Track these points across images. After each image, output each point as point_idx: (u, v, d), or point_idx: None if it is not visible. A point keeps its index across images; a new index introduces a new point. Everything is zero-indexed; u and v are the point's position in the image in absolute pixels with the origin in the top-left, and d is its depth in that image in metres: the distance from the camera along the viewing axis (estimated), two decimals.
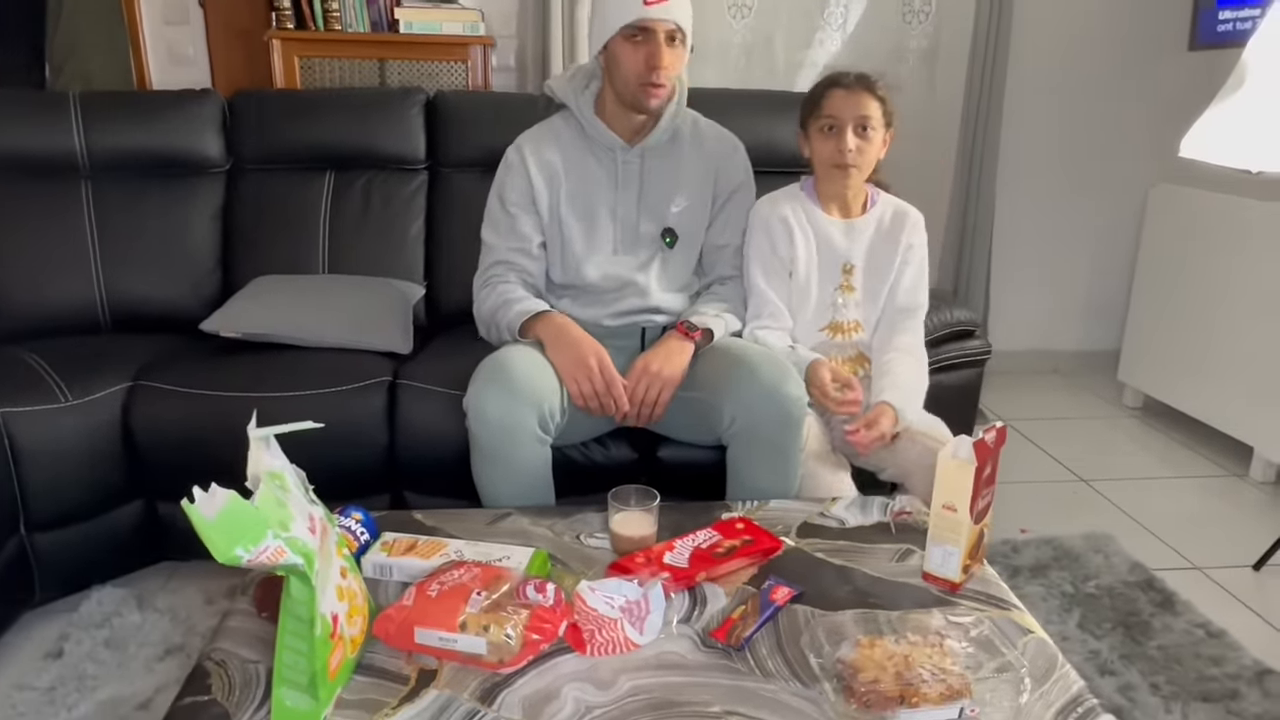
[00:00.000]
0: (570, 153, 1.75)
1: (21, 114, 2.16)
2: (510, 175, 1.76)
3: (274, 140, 2.31)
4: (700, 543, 1.26)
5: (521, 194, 1.75)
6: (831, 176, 1.71)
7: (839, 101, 1.66)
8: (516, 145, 1.78)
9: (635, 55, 1.61)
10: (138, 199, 2.20)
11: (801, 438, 1.56)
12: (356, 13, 2.68)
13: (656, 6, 1.56)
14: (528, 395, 1.49)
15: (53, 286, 2.11)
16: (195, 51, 2.92)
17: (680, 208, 1.78)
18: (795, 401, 1.53)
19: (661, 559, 1.22)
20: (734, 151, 1.84)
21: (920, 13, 3.10)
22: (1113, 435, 2.93)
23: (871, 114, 1.65)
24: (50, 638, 1.72)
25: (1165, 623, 1.82)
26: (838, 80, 1.68)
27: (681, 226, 1.79)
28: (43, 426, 1.70)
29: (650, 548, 1.26)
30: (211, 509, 0.85)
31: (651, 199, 1.77)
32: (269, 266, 2.20)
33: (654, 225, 1.77)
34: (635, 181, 1.76)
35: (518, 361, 1.53)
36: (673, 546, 1.25)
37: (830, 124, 1.67)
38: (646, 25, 1.58)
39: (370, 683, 1.01)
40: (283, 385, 1.80)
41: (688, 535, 1.28)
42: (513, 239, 1.75)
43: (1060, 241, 3.41)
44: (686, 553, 1.24)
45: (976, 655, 1.05)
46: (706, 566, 1.21)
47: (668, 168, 1.77)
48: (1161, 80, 3.22)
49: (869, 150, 1.68)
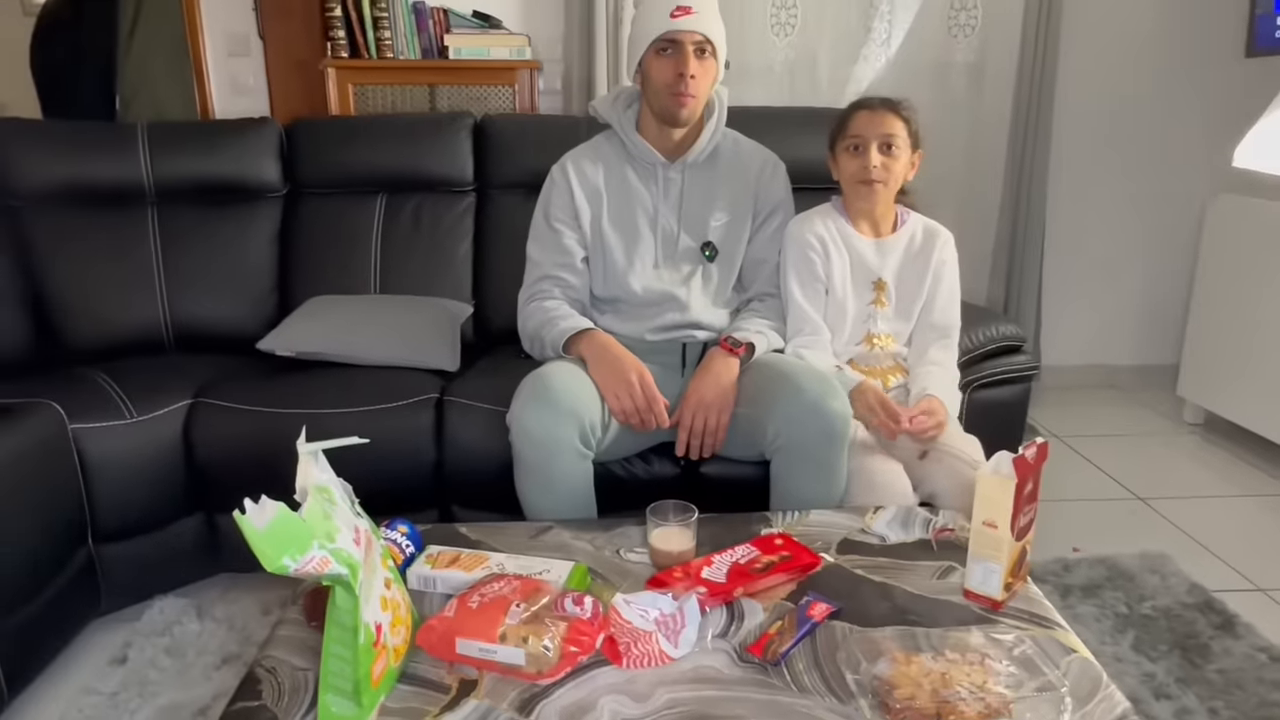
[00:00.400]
0: (613, 169, 1.80)
1: (94, 145, 2.27)
2: (554, 192, 1.81)
3: (329, 165, 2.39)
4: (739, 558, 1.27)
5: (565, 210, 1.79)
6: (858, 193, 1.75)
7: (863, 121, 1.71)
8: (561, 163, 1.84)
9: (665, 66, 1.67)
10: (200, 224, 2.29)
11: (846, 452, 1.57)
12: (408, 40, 2.76)
13: (683, 19, 1.63)
14: (569, 410, 1.52)
15: (120, 309, 2.20)
16: (255, 81, 3.03)
17: (720, 222, 1.81)
18: (840, 417, 1.53)
19: (699, 574, 1.23)
20: (775, 169, 1.86)
21: (966, 26, 3.08)
22: (1171, 452, 2.84)
23: (896, 133, 1.69)
24: (115, 645, 1.79)
25: (1225, 646, 1.76)
26: (863, 103, 1.75)
27: (721, 241, 1.81)
28: (110, 442, 1.78)
29: (689, 562, 1.27)
30: (261, 520, 0.88)
31: (692, 213, 1.80)
32: (323, 287, 2.27)
33: (694, 239, 1.80)
34: (676, 196, 1.79)
35: (559, 377, 1.56)
36: (711, 562, 1.26)
37: (855, 143, 1.71)
38: (674, 37, 1.64)
39: (413, 691, 1.04)
40: (335, 402, 1.85)
41: (726, 551, 1.29)
42: (557, 254, 1.79)
43: (1114, 254, 3.34)
44: (724, 568, 1.24)
45: (1017, 674, 1.04)
46: (744, 582, 1.22)
47: (708, 183, 1.81)
48: (1217, 88, 3.14)
49: (894, 167, 1.71)
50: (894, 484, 1.60)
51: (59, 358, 2.14)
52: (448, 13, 2.78)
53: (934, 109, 2.96)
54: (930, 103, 3.00)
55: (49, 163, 2.21)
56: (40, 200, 2.21)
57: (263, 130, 2.38)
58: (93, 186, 2.25)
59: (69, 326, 2.17)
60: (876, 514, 1.46)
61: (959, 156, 3.17)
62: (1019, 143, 3.09)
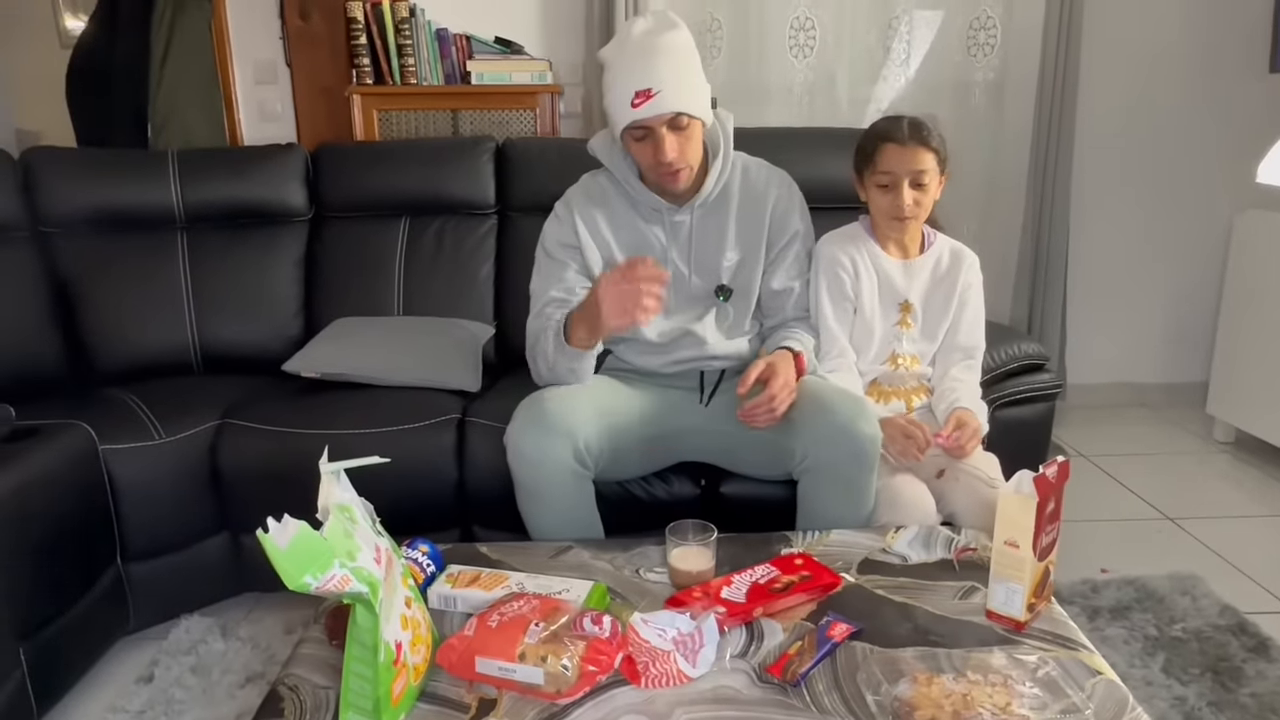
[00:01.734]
0: (617, 214, 1.73)
1: (125, 172, 2.33)
2: (559, 228, 1.74)
3: (354, 189, 2.43)
4: (758, 578, 1.27)
5: (568, 247, 1.73)
6: (890, 227, 1.75)
7: (893, 158, 1.68)
8: (565, 202, 1.76)
9: (644, 151, 1.59)
10: (228, 248, 2.34)
11: (875, 475, 1.55)
12: (431, 67, 2.80)
13: (644, 105, 1.52)
14: (560, 429, 1.52)
15: (150, 331, 2.25)
16: (283, 108, 3.10)
17: (732, 261, 1.74)
18: (871, 439, 1.51)
19: (719, 594, 1.22)
20: (789, 194, 1.78)
21: (985, 45, 3.07)
22: (1201, 471, 2.80)
23: (927, 167, 1.68)
24: (142, 663, 1.81)
25: (1259, 669, 1.72)
26: (890, 135, 1.68)
27: (734, 280, 1.75)
28: (138, 462, 1.80)
29: (708, 582, 1.26)
30: (283, 538, 0.90)
31: (703, 256, 1.73)
32: (348, 309, 2.30)
33: (707, 282, 1.74)
34: (685, 239, 1.72)
35: (552, 398, 1.56)
36: (730, 581, 1.26)
37: (887, 180, 1.69)
38: (642, 125, 1.55)
39: (433, 710, 1.05)
40: (358, 423, 1.87)
41: (746, 570, 1.28)
42: (559, 283, 1.72)
43: (1140, 270, 3.31)
44: (744, 588, 1.24)
45: (1041, 696, 1.03)
46: (764, 602, 1.22)
47: (718, 221, 1.73)
48: (1241, 104, 3.11)
49: (925, 200, 1.71)
50: (919, 503, 1.59)
51: (89, 379, 2.19)
52: (470, 39, 2.83)
53: (954, 128, 2.96)
54: (950, 122, 3.00)
55: (82, 189, 2.27)
56: (73, 225, 2.26)
57: (289, 156, 2.43)
58: (124, 212, 2.30)
59: (99, 348, 2.22)
60: (898, 534, 1.45)
61: (980, 175, 3.16)
62: (1040, 161, 3.08)
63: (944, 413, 1.71)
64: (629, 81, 1.53)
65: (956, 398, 1.71)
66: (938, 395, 1.77)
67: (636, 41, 1.55)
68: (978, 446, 1.68)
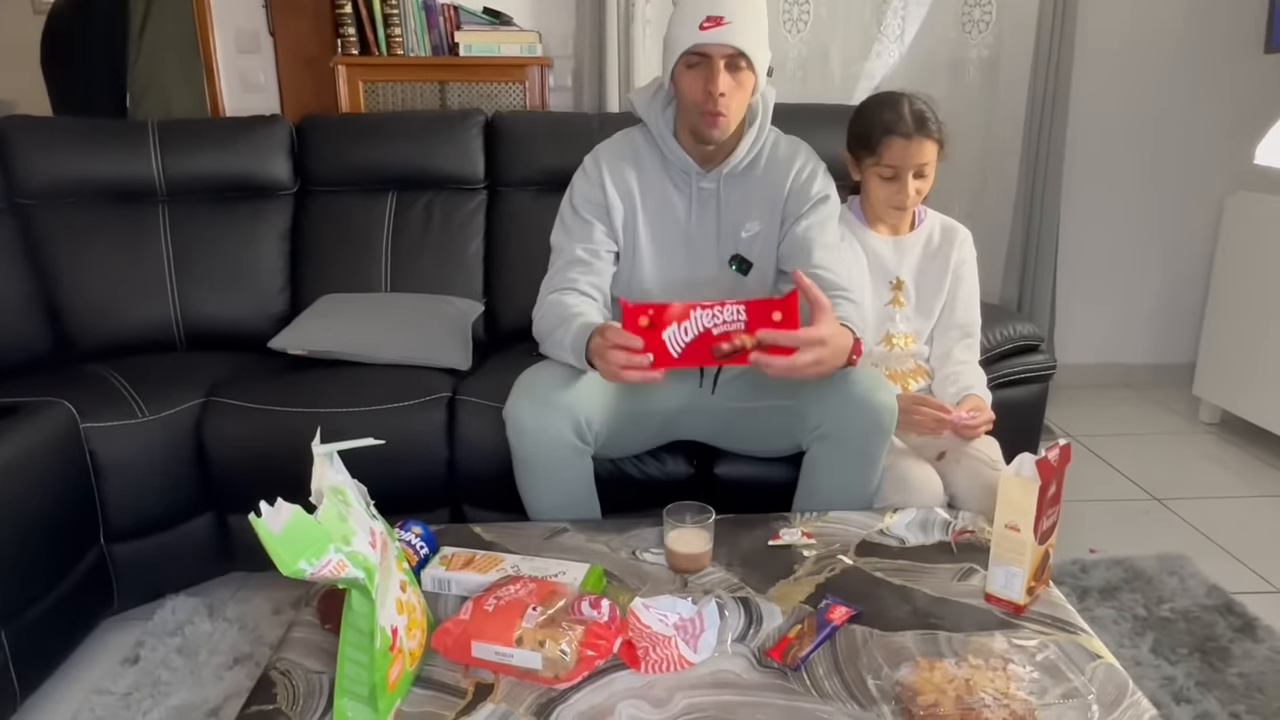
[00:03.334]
0: (648, 174, 1.68)
1: (104, 142, 2.26)
2: (586, 184, 1.68)
3: (339, 163, 2.38)
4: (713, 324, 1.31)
5: (596, 203, 1.67)
6: (889, 214, 1.75)
7: (899, 152, 1.66)
8: (595, 157, 1.70)
9: (694, 82, 1.54)
10: (210, 222, 2.29)
11: (887, 448, 1.53)
12: (418, 37, 2.74)
13: (712, 31, 1.48)
14: (561, 405, 1.49)
15: (131, 306, 2.20)
16: (266, 79, 3.02)
17: (751, 232, 1.68)
18: (889, 410, 1.49)
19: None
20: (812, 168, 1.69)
21: (980, 22, 3.05)
22: (1188, 452, 2.82)
23: (930, 159, 1.68)
24: (127, 644, 1.79)
25: (1246, 649, 1.74)
26: (895, 127, 1.65)
27: (750, 251, 1.69)
28: (121, 440, 1.77)
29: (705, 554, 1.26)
30: (277, 523, 0.87)
31: (726, 225, 1.68)
32: (334, 285, 2.26)
33: (726, 251, 1.69)
34: (712, 207, 1.67)
35: (553, 372, 1.53)
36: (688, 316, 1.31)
37: (890, 173, 1.68)
38: (702, 51, 1.51)
39: (429, 695, 1.03)
40: (346, 401, 1.84)
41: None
42: (586, 242, 1.66)
43: (1130, 251, 3.31)
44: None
45: (1042, 680, 1.02)
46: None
47: (744, 192, 1.67)
48: (1235, 84, 3.11)
49: (925, 188, 1.71)
50: (928, 485, 1.58)
51: (70, 356, 2.14)
52: (458, 9, 2.77)
53: (947, 105, 2.88)
54: (943, 99, 2.94)
55: (59, 160, 2.21)
56: (51, 198, 2.20)
57: (273, 128, 2.37)
58: (103, 184, 2.24)
59: (79, 325, 2.17)
60: (895, 515, 1.44)
61: (973, 153, 3.14)
62: (1033, 139, 3.07)
63: (953, 396, 1.70)
64: (704, 5, 1.49)
65: (968, 384, 1.70)
66: (941, 377, 1.76)
67: None
68: (989, 428, 1.67)
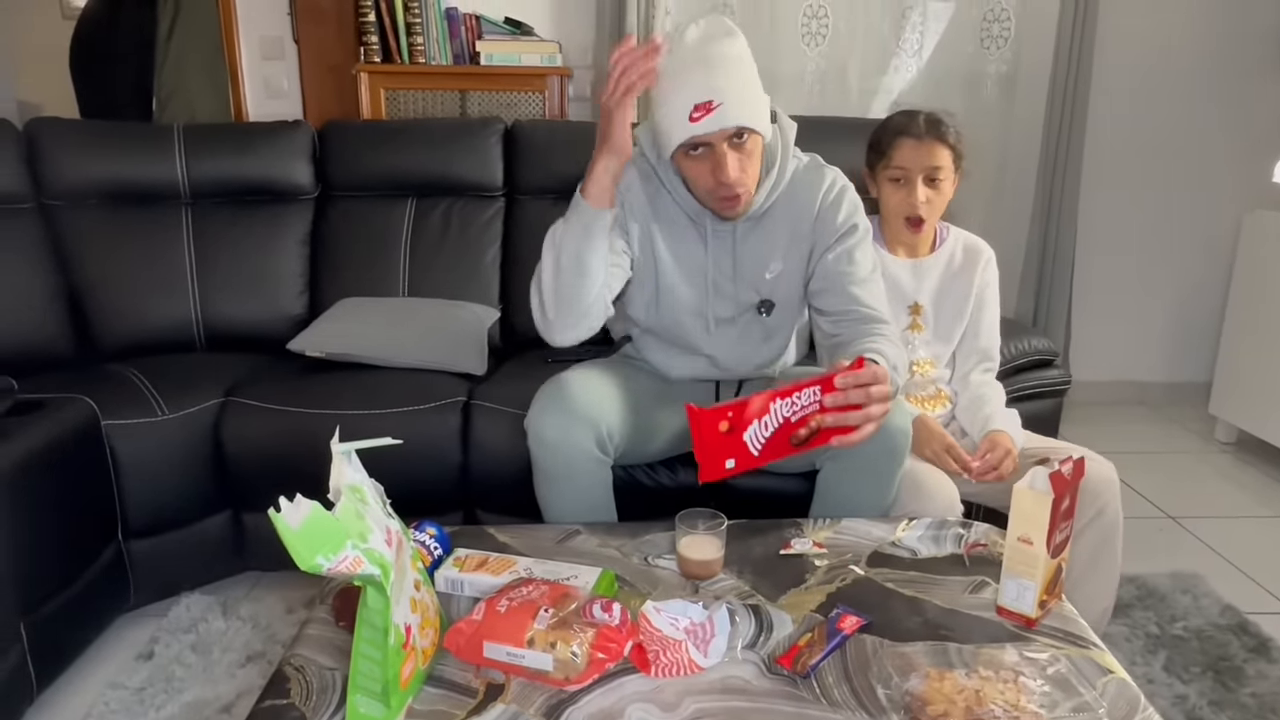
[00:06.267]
0: (662, 207, 1.57)
1: (130, 145, 2.30)
2: None
3: (360, 168, 2.41)
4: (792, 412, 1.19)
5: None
6: (901, 228, 1.70)
7: (909, 152, 1.63)
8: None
9: (700, 170, 1.43)
10: (232, 225, 2.32)
11: (902, 469, 1.52)
12: (440, 46, 2.78)
13: (705, 119, 1.35)
14: (585, 416, 1.49)
15: (153, 307, 2.23)
16: (289, 85, 3.07)
17: (775, 273, 1.58)
18: (903, 433, 1.48)
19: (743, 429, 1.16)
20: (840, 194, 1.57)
21: (999, 38, 3.05)
22: (1203, 471, 2.80)
23: (942, 164, 1.63)
24: (142, 640, 1.81)
25: (1260, 669, 1.73)
26: (907, 128, 1.63)
27: (774, 292, 1.60)
28: (141, 438, 1.80)
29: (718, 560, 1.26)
30: (296, 519, 0.89)
31: (746, 267, 1.58)
32: (353, 289, 2.29)
33: (748, 295, 1.61)
34: (729, 249, 1.58)
35: (576, 383, 1.53)
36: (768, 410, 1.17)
37: (900, 175, 1.65)
38: (701, 141, 1.39)
39: (440, 694, 1.04)
40: (363, 403, 1.86)
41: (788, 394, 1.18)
42: None
43: (1146, 268, 3.30)
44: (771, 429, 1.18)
45: (1052, 694, 1.02)
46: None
47: (765, 231, 1.57)
48: (1254, 102, 3.10)
49: (939, 200, 1.66)
50: (943, 492, 1.57)
51: (92, 354, 2.18)
52: (480, 19, 2.80)
53: (965, 120, 2.90)
54: (962, 113, 2.96)
55: (86, 162, 2.24)
56: (76, 199, 2.24)
57: (295, 133, 2.40)
58: (128, 186, 2.28)
59: (103, 324, 2.20)
60: (908, 526, 1.44)
61: (990, 168, 3.14)
62: (1051, 155, 3.07)
63: (978, 429, 1.66)
64: (687, 93, 1.36)
65: (989, 415, 1.66)
66: (964, 404, 1.73)
67: (693, 49, 1.38)
68: (1013, 466, 1.61)
